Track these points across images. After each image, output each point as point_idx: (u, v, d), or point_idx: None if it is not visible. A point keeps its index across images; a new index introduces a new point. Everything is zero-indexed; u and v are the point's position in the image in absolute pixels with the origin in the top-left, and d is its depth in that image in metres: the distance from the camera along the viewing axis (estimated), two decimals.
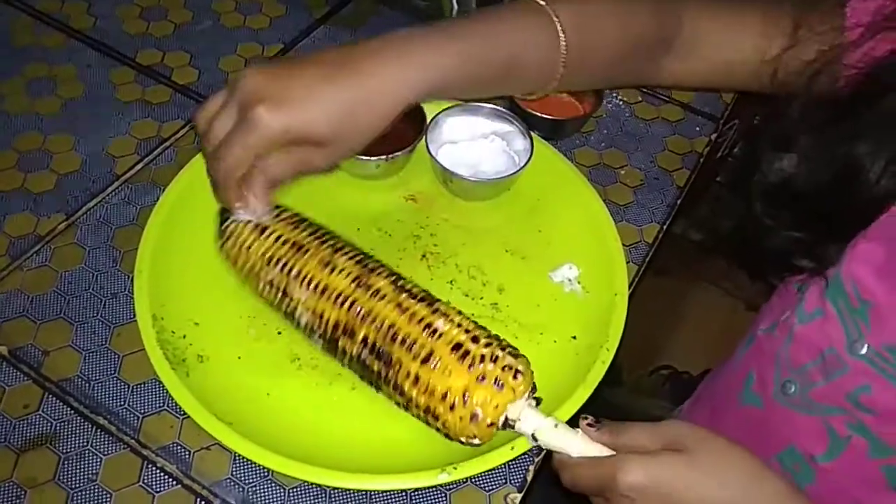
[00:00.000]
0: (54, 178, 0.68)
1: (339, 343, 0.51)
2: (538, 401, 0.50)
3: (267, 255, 0.53)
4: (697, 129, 0.78)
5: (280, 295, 0.53)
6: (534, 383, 0.49)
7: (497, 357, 0.48)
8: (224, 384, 0.54)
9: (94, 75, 0.76)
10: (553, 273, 0.64)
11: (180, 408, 0.51)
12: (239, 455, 0.50)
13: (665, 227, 0.70)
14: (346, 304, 0.50)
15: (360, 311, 0.50)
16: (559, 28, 0.52)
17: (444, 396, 0.47)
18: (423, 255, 0.64)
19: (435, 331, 0.48)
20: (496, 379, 0.47)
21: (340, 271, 0.51)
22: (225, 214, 0.55)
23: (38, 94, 0.74)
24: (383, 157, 0.65)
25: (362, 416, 0.55)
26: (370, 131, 0.49)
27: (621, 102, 0.80)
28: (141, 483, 0.51)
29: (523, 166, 0.65)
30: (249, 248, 0.54)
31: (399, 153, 0.65)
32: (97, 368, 0.56)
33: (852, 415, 0.53)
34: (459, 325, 0.49)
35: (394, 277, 0.52)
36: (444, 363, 0.47)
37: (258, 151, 0.47)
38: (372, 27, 0.85)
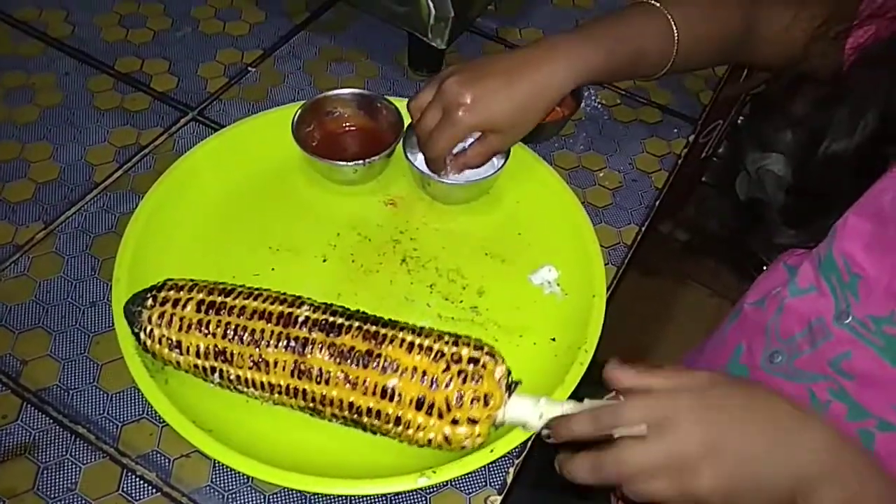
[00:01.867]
0: (32, 186, 0.67)
1: (313, 414, 0.51)
2: (516, 384, 0.50)
3: (196, 368, 0.52)
4: (675, 130, 0.79)
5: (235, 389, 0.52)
6: (509, 373, 0.49)
7: (464, 377, 0.48)
8: (203, 391, 0.54)
9: (73, 83, 0.76)
10: (532, 276, 0.64)
11: (159, 416, 0.51)
12: (218, 462, 0.50)
13: (644, 228, 0.70)
14: (299, 396, 0.50)
15: (315, 398, 0.49)
16: (673, 26, 0.63)
17: (429, 442, 0.48)
18: (403, 260, 0.65)
19: (392, 394, 0.48)
20: (470, 400, 0.47)
21: (275, 365, 0.49)
22: (129, 308, 0.53)
23: (15, 103, 0.74)
24: (360, 161, 0.65)
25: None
26: (537, 118, 0.62)
27: (600, 105, 0.81)
28: (120, 492, 0.51)
29: (500, 169, 0.66)
30: (177, 362, 0.52)
31: (376, 157, 0.65)
32: (76, 377, 0.56)
33: (833, 381, 0.54)
34: (414, 370, 0.48)
35: (328, 340, 0.49)
36: (414, 422, 0.48)
37: (459, 139, 0.62)
38: (351, 33, 0.85)
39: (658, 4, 0.64)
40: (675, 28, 0.63)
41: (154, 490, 0.51)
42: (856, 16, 0.59)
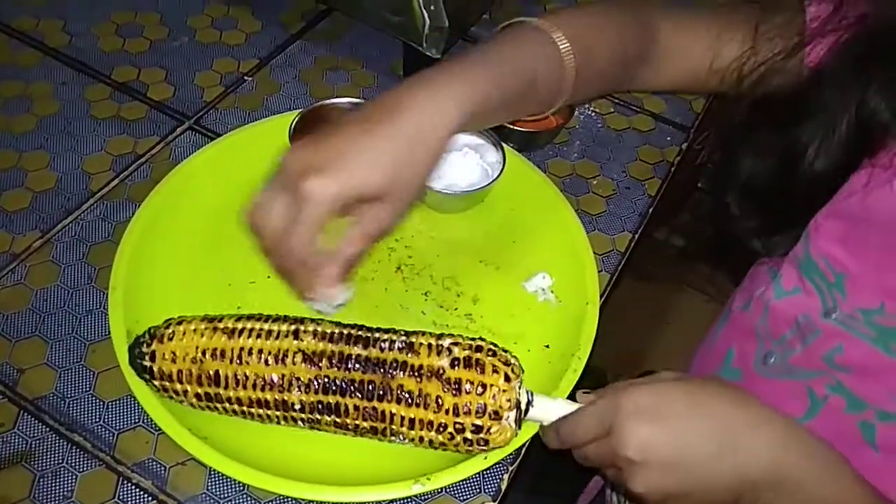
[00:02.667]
0: (29, 195, 0.68)
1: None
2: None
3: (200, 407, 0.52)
4: (668, 138, 0.80)
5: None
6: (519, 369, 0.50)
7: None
8: None
9: (70, 93, 0.77)
10: (527, 283, 0.65)
11: (155, 424, 0.51)
12: (214, 470, 0.50)
13: (637, 235, 0.71)
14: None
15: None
16: (565, 51, 0.55)
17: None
18: (398, 267, 0.65)
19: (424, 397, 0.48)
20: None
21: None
22: (134, 350, 0.53)
23: (13, 113, 0.74)
24: None
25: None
26: (425, 172, 0.48)
27: (593, 113, 0.81)
28: (116, 500, 0.52)
29: (496, 178, 0.66)
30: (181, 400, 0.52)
31: None
32: (72, 386, 0.56)
33: (830, 375, 0.55)
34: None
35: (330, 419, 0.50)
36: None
37: (320, 226, 0.45)
38: (347, 42, 0.86)
39: (545, 27, 0.55)
40: (565, 52, 0.55)
41: (150, 498, 0.52)
42: (803, 32, 0.58)
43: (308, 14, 0.88)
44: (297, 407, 0.50)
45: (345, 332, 0.51)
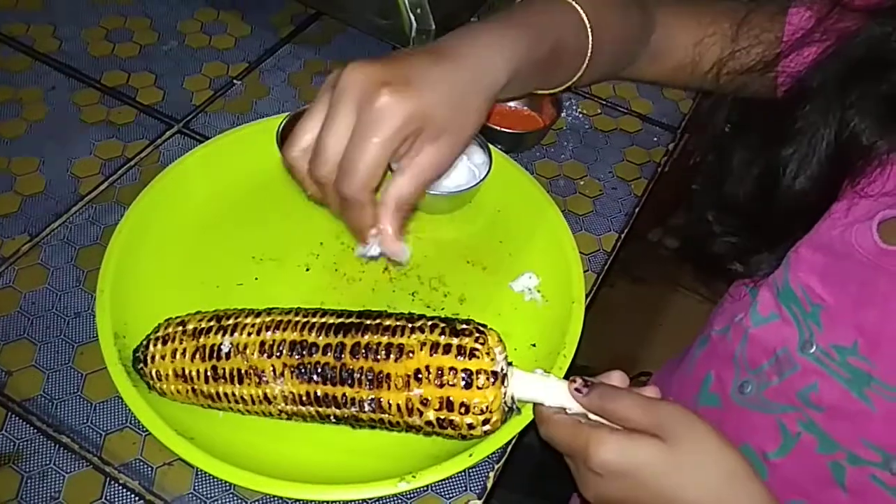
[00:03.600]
0: (18, 199, 0.68)
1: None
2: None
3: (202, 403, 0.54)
4: (655, 139, 0.80)
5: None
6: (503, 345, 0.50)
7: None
8: None
9: (60, 97, 0.77)
10: (513, 283, 0.65)
11: (142, 425, 0.52)
12: (201, 470, 0.51)
13: (623, 235, 0.71)
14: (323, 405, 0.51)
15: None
16: (586, 20, 0.57)
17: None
18: (386, 268, 0.65)
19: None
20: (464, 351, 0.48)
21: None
22: (137, 354, 0.54)
23: (2, 117, 0.75)
24: None
25: (321, 427, 0.55)
26: (479, 115, 0.49)
27: (581, 115, 0.82)
28: (104, 500, 0.52)
29: (482, 179, 0.67)
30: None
31: None
32: (60, 387, 0.57)
33: (802, 412, 0.55)
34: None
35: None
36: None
37: (394, 147, 0.44)
38: (336, 46, 0.86)
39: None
40: (587, 22, 0.57)
41: (137, 498, 0.52)
42: (778, 45, 0.58)
43: (297, 18, 0.89)
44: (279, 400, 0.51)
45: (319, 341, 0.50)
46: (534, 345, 0.61)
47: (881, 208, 0.50)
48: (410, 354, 0.48)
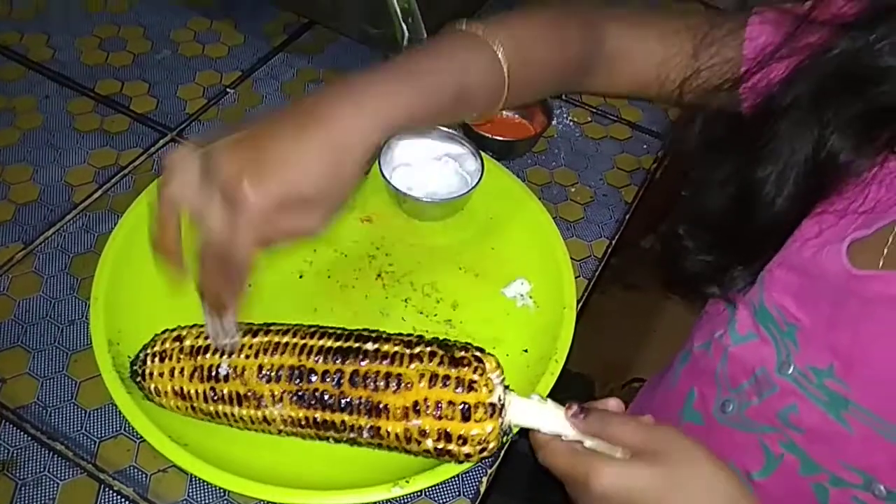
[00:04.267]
0: (12, 208, 0.68)
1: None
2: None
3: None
4: (645, 146, 0.81)
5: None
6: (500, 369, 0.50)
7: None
8: None
9: (53, 106, 0.77)
10: (505, 289, 0.66)
11: (136, 432, 0.52)
12: (195, 476, 0.51)
13: (614, 241, 0.72)
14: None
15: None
16: (501, 58, 0.54)
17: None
18: (379, 275, 0.66)
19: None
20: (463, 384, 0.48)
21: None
22: (135, 368, 0.54)
23: None
24: None
25: None
26: (353, 180, 0.47)
27: (571, 123, 0.83)
28: None
29: (474, 186, 0.68)
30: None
31: None
32: (54, 395, 0.57)
33: (783, 433, 0.55)
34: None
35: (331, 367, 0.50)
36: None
37: (267, 231, 0.44)
38: (329, 54, 0.87)
39: (480, 34, 0.53)
40: (504, 62, 0.53)
41: None
42: (740, 61, 0.57)
43: (290, 27, 0.89)
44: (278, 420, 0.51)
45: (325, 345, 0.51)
46: (526, 350, 0.62)
47: (851, 229, 0.50)
48: (409, 386, 0.48)
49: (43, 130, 0.75)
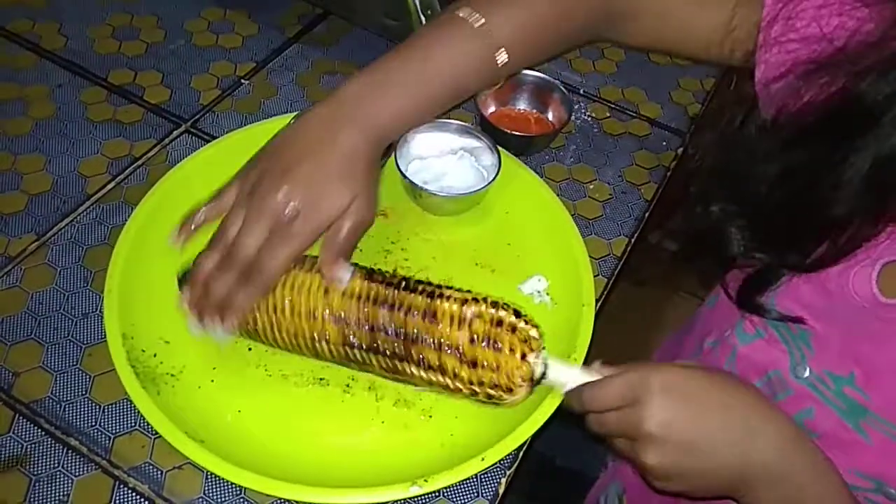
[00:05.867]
0: (25, 198, 0.68)
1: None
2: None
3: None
4: (664, 143, 0.80)
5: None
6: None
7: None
8: (195, 402, 0.55)
9: (66, 95, 0.77)
10: (522, 285, 0.65)
11: (152, 427, 0.51)
12: (211, 473, 0.51)
13: (633, 240, 0.71)
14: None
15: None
16: (498, 46, 0.56)
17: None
18: (395, 269, 0.65)
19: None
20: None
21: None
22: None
23: (8, 115, 0.74)
24: None
25: (334, 431, 0.55)
26: (372, 177, 0.55)
27: (590, 118, 0.82)
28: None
29: (491, 181, 0.67)
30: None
31: None
32: (68, 389, 0.56)
33: None
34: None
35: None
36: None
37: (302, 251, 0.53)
38: (344, 46, 0.86)
39: (476, 24, 0.56)
40: (500, 51, 0.57)
41: (147, 502, 0.52)
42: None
43: (305, 18, 0.88)
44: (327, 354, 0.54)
45: (371, 291, 0.53)
46: (543, 347, 0.61)
47: (886, 252, 0.47)
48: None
49: (56, 120, 0.74)
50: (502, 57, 0.57)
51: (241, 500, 0.52)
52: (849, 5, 0.51)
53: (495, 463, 0.52)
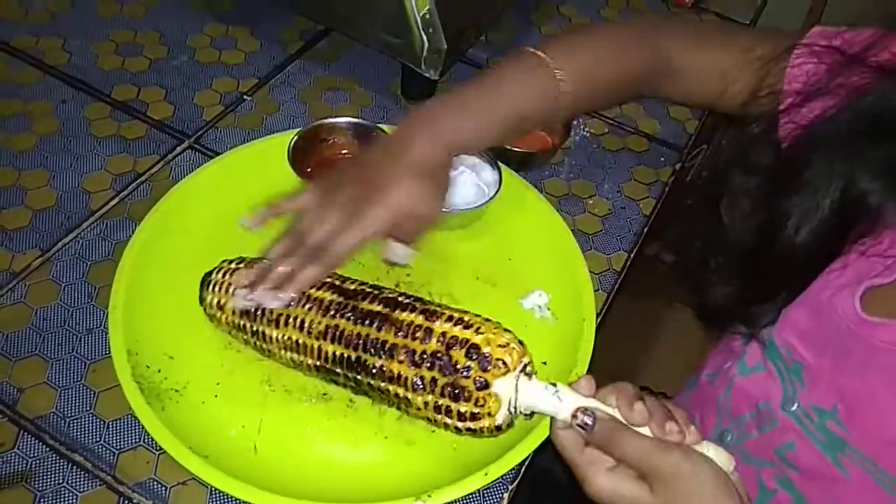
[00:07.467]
0: (29, 214, 0.68)
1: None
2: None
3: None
4: (662, 159, 0.81)
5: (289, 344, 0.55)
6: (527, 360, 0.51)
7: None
8: (199, 417, 0.55)
9: (70, 111, 0.77)
10: (523, 300, 0.66)
11: (156, 443, 0.51)
12: (215, 489, 0.51)
13: (632, 254, 0.72)
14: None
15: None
16: (559, 79, 0.59)
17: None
18: (396, 284, 0.66)
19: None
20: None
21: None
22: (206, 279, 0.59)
23: (12, 131, 0.75)
24: None
25: (337, 445, 0.55)
26: (442, 195, 0.59)
27: (588, 134, 0.82)
28: None
29: (492, 197, 0.67)
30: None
31: None
32: (72, 405, 0.56)
33: (780, 469, 0.55)
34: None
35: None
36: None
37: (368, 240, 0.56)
38: (345, 62, 0.87)
39: (544, 55, 0.59)
40: (561, 83, 0.59)
41: None
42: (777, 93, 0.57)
43: (306, 34, 0.89)
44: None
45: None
46: (544, 363, 0.62)
47: (871, 275, 0.49)
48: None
49: (59, 136, 0.75)
50: (563, 89, 0.59)
51: None
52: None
53: (498, 478, 0.52)
